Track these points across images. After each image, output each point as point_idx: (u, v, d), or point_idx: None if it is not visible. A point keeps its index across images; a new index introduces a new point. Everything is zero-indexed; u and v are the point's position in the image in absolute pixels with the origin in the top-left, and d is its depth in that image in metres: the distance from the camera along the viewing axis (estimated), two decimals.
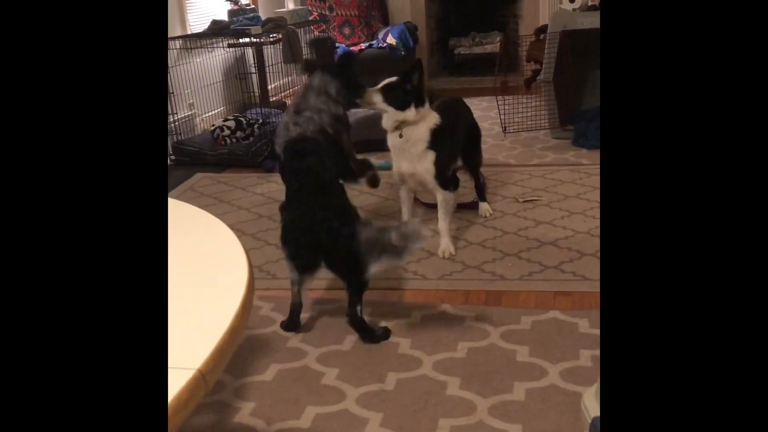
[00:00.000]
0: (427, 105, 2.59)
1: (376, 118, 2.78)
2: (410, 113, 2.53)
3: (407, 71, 2.54)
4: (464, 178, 3.15)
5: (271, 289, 2.46)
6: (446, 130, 2.62)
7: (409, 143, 2.57)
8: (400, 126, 2.56)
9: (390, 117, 2.56)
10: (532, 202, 3.12)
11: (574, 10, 4.36)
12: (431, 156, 2.58)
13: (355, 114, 3.10)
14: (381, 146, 2.86)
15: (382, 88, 2.55)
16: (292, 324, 2.18)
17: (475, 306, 2.24)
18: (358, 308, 2.06)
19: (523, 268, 2.48)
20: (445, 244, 2.67)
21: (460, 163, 2.94)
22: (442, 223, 2.68)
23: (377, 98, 2.53)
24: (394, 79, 2.58)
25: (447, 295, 2.34)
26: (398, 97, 2.52)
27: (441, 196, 2.65)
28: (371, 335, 2.08)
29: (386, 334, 2.10)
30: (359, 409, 1.75)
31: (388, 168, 3.08)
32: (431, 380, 1.85)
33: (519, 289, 2.34)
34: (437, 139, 2.58)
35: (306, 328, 2.18)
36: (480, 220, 2.94)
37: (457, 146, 2.81)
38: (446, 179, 2.66)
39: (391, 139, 2.61)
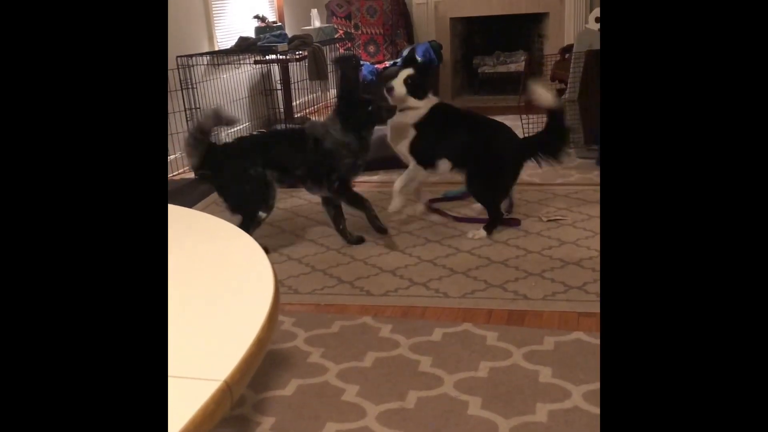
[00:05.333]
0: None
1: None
2: (422, 102, 2.98)
3: (417, 64, 3.03)
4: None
5: (293, 303, 2.46)
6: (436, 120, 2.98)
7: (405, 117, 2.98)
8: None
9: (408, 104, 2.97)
10: (557, 222, 3.09)
11: (600, 30, 4.35)
12: (412, 133, 2.98)
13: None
14: (399, 164, 3.13)
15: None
16: None
17: (498, 325, 2.22)
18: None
19: (546, 288, 2.46)
20: (393, 203, 3.03)
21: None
22: (398, 182, 3.02)
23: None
24: (408, 72, 2.98)
25: (469, 313, 2.32)
26: (421, 89, 2.98)
27: (410, 166, 3.02)
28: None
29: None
30: (379, 426, 1.74)
31: (459, 197, 3.42)
32: (452, 399, 1.84)
33: (542, 309, 2.32)
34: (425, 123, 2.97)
35: (326, 344, 2.17)
36: (503, 239, 2.93)
37: (445, 145, 3.00)
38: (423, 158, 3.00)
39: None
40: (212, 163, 2.78)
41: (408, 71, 2.97)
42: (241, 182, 2.75)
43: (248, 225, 2.70)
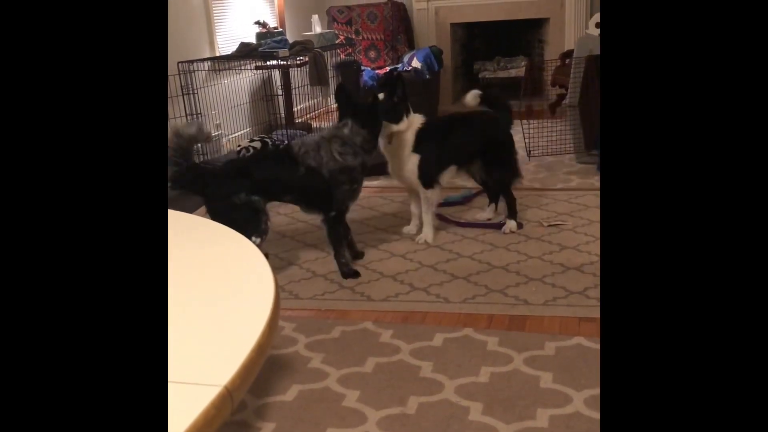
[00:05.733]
0: (411, 112, 2.90)
1: None
2: (403, 125, 2.85)
3: (389, 84, 2.87)
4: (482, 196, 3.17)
5: (294, 309, 2.46)
6: (433, 136, 2.93)
7: (399, 148, 2.91)
8: (391, 136, 2.87)
9: (386, 131, 2.84)
10: (557, 227, 3.09)
11: (600, 35, 4.36)
12: (415, 158, 2.91)
13: None
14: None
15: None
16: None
17: (499, 330, 2.22)
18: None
19: (547, 293, 2.45)
20: (424, 233, 3.02)
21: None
22: (425, 216, 3.01)
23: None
24: (381, 96, 2.84)
25: (470, 318, 2.32)
26: (395, 112, 2.83)
27: (422, 194, 2.97)
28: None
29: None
30: None
31: (460, 201, 3.46)
32: (453, 405, 1.83)
33: (543, 314, 2.31)
34: (422, 144, 2.90)
35: (327, 349, 2.17)
36: (503, 244, 2.93)
37: (450, 153, 2.98)
38: (430, 179, 2.95)
39: (384, 146, 2.92)
40: (197, 187, 2.63)
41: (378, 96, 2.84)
42: (228, 210, 2.55)
43: None
